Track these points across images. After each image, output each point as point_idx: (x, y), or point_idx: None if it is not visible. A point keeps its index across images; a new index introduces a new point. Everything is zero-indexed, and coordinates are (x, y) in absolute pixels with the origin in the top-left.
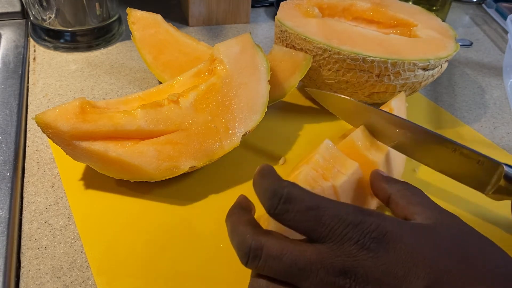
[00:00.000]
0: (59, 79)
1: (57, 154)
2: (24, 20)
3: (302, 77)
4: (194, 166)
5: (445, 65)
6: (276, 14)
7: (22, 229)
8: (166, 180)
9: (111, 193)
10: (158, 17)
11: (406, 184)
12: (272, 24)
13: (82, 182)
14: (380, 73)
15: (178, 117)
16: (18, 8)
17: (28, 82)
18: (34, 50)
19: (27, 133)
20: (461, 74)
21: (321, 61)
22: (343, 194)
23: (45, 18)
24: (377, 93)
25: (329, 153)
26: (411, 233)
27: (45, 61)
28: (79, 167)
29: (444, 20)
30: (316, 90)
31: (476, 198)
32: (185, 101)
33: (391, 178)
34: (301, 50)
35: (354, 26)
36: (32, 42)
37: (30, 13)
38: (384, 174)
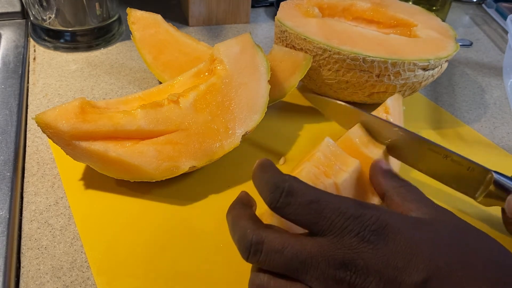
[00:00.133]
0: (59, 79)
1: (57, 154)
2: (24, 20)
3: (302, 77)
4: (194, 166)
5: (445, 65)
6: (276, 14)
7: (22, 229)
8: (166, 180)
9: (111, 193)
10: (158, 17)
11: (402, 181)
12: (272, 24)
13: (82, 182)
14: (380, 73)
15: (178, 117)
16: (18, 8)
17: (28, 82)
18: (34, 50)
19: (27, 133)
20: (461, 74)
21: (321, 61)
22: (345, 191)
23: (45, 18)
24: (377, 93)
25: (330, 150)
26: (410, 226)
27: (45, 61)
28: (79, 167)
29: (444, 20)
30: (311, 95)
31: (469, 198)
32: (185, 101)
33: (389, 172)
34: (301, 50)
35: (354, 26)
36: (32, 42)
37: (30, 13)
38: (384, 167)
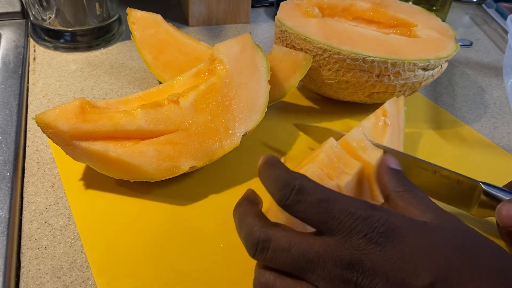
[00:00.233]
0: (59, 79)
1: (57, 154)
2: (24, 20)
3: (302, 77)
4: (194, 166)
5: (445, 65)
6: (276, 14)
7: (22, 229)
8: (166, 180)
9: (111, 193)
10: (158, 17)
11: (408, 184)
12: (272, 24)
13: (82, 182)
14: (380, 73)
15: (178, 117)
16: (18, 8)
17: (28, 82)
18: (34, 50)
19: (27, 133)
20: (461, 74)
21: (321, 61)
22: (347, 194)
23: (45, 18)
24: (377, 93)
25: (333, 152)
26: (418, 229)
27: (45, 61)
28: (79, 167)
29: (444, 20)
30: (300, 124)
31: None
32: (185, 101)
33: (396, 173)
34: (301, 50)
35: (354, 26)
36: (32, 42)
37: (30, 13)
38: (391, 166)
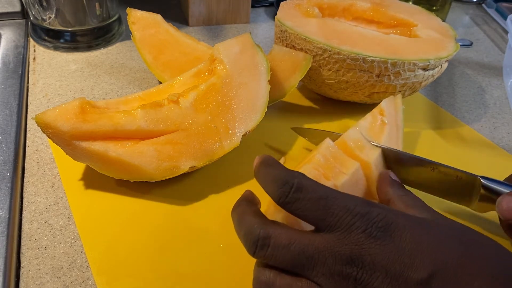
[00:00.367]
0: (59, 79)
1: (57, 154)
2: (24, 20)
3: (302, 77)
4: (194, 166)
5: (445, 65)
6: (276, 14)
7: (22, 229)
8: (166, 180)
9: (111, 193)
10: (158, 17)
11: (407, 191)
12: (272, 24)
13: (82, 182)
14: (380, 73)
15: (178, 117)
16: (18, 8)
17: (28, 82)
18: (34, 50)
19: (27, 133)
20: (461, 74)
21: (321, 61)
22: None
23: (45, 18)
24: (377, 93)
25: (330, 152)
26: (416, 224)
27: (45, 61)
28: (79, 167)
29: (444, 20)
30: (298, 127)
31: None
32: (185, 101)
33: (396, 183)
34: (301, 50)
35: (354, 26)
36: (32, 42)
37: (30, 13)
38: (392, 178)
